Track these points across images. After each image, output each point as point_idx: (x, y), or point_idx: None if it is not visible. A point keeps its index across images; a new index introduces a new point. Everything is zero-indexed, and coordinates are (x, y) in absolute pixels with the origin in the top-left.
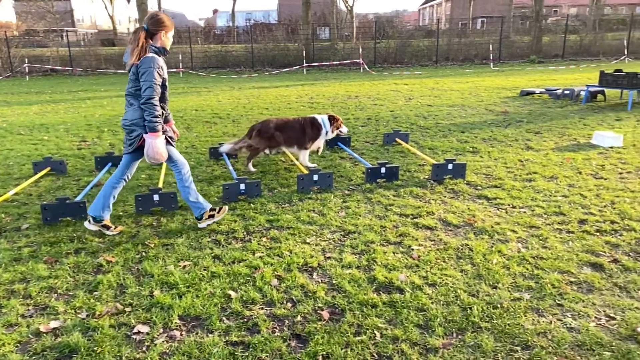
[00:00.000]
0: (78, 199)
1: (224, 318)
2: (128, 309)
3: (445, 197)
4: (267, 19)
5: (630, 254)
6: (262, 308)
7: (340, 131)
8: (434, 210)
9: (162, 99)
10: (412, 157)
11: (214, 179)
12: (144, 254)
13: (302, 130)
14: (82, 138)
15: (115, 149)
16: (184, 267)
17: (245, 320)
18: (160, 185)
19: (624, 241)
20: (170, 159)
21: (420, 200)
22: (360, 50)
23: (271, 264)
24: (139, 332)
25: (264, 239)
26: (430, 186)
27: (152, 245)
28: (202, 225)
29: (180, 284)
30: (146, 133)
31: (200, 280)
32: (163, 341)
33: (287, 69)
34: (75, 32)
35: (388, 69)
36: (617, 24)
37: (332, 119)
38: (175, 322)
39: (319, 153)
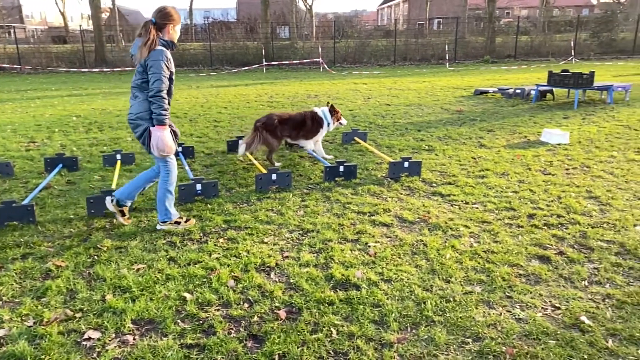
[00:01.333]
0: (25, 202)
1: (178, 321)
2: (78, 315)
3: (401, 194)
4: (225, 17)
5: (575, 246)
6: (218, 309)
7: (340, 123)
8: (390, 208)
9: (168, 93)
10: (370, 156)
11: None
12: (96, 257)
13: (305, 123)
14: (30, 139)
15: (67, 149)
16: (138, 270)
17: (201, 322)
18: (114, 186)
19: (569, 234)
20: (158, 159)
21: (378, 198)
22: (320, 49)
23: (228, 265)
24: (89, 338)
25: (221, 240)
26: (387, 184)
27: (105, 249)
28: (161, 227)
29: (133, 287)
30: (153, 126)
31: (155, 283)
32: (115, 346)
33: (247, 68)
34: (23, 28)
35: (347, 68)
36: (564, 25)
37: (332, 112)
38: (128, 327)
39: (315, 150)
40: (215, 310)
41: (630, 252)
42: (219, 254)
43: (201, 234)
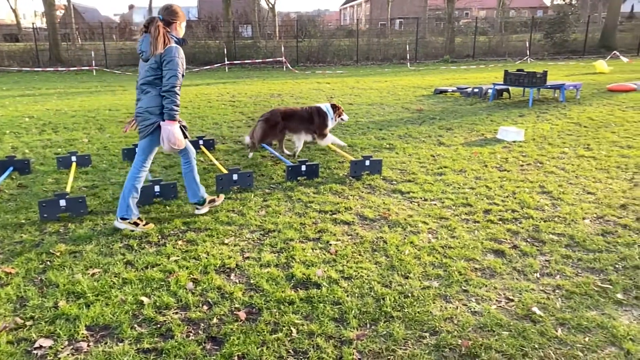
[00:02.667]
0: None
1: (135, 325)
2: (29, 323)
3: (362, 192)
4: (186, 15)
5: (528, 239)
6: (177, 312)
7: (341, 119)
8: (351, 206)
9: None
10: (333, 155)
11: None
12: (48, 263)
13: (311, 118)
14: None
15: (18, 152)
16: (93, 274)
17: (159, 326)
18: (68, 189)
19: (522, 228)
20: (142, 154)
21: (339, 197)
22: (283, 48)
23: (187, 267)
24: (40, 347)
25: (180, 242)
26: (349, 182)
27: (58, 254)
28: (118, 225)
29: (88, 292)
30: (163, 121)
31: (111, 287)
32: (68, 354)
33: (208, 67)
34: None
35: (311, 67)
36: (520, 26)
37: (334, 108)
38: (82, 333)
39: (320, 143)
40: (173, 313)
41: (579, 244)
42: (177, 256)
43: (159, 237)
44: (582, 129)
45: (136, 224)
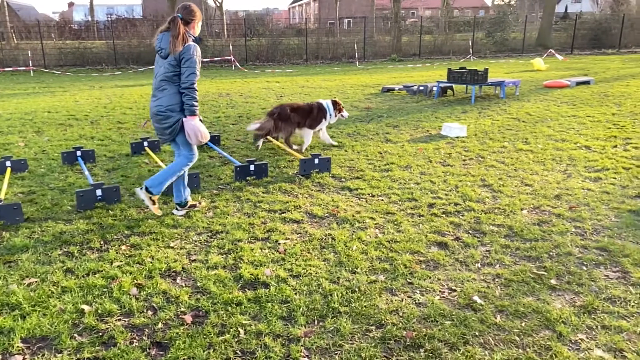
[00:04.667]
0: None
1: (75, 335)
2: None
3: (312, 190)
4: (130, 13)
5: (470, 231)
6: (120, 319)
7: (341, 115)
8: (301, 204)
9: None
10: (282, 154)
11: (68, 186)
12: None
13: (311, 113)
14: None
15: None
16: (30, 284)
17: (100, 334)
18: (2, 196)
19: (465, 220)
20: (186, 147)
21: (289, 195)
22: (231, 47)
23: (130, 273)
24: None
25: (124, 247)
26: (299, 181)
27: None
28: (139, 193)
29: (24, 303)
30: (185, 117)
31: (49, 297)
32: None
33: (154, 67)
34: None
35: (260, 66)
36: (463, 25)
37: (335, 104)
38: (17, 346)
39: (321, 137)
40: (116, 320)
41: (517, 234)
42: (121, 261)
43: (102, 242)
44: (521, 123)
45: (153, 202)
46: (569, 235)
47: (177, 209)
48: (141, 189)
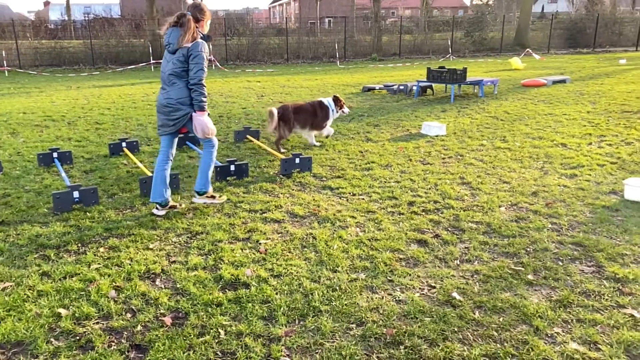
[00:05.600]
0: None
1: (52, 339)
2: None
3: (293, 190)
4: (108, 13)
5: (449, 228)
6: (98, 322)
7: (342, 111)
8: (282, 204)
9: None
10: (263, 153)
11: (44, 188)
12: None
13: (315, 112)
14: None
15: None
16: (4, 289)
17: (78, 338)
18: None
19: (444, 218)
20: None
21: (270, 195)
22: (212, 47)
23: (109, 275)
24: None
25: (102, 249)
26: (280, 181)
27: None
28: (197, 200)
29: None
30: (194, 112)
31: (24, 301)
32: None
33: (133, 67)
34: None
35: (241, 66)
36: (443, 25)
37: (336, 101)
38: None
39: (324, 134)
40: (94, 323)
41: (495, 230)
42: (99, 264)
43: (79, 245)
44: (499, 122)
45: (213, 197)
46: (545, 231)
47: (157, 208)
48: (195, 197)
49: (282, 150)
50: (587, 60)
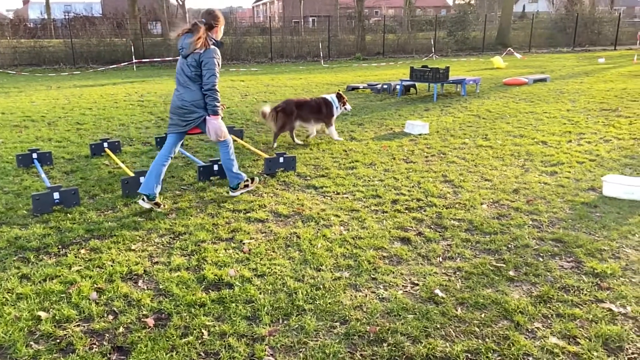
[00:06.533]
0: None
1: (32, 343)
2: None
3: (277, 189)
4: (89, 11)
5: (432, 226)
6: (79, 325)
7: (345, 108)
8: (266, 203)
9: None
10: (247, 153)
11: (24, 189)
12: None
13: (319, 108)
14: None
15: None
16: None
17: (58, 341)
18: None
19: (427, 216)
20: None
21: (253, 195)
22: None
23: (90, 277)
24: None
25: (83, 251)
26: (264, 180)
27: None
28: (234, 193)
29: None
30: (209, 116)
31: (3, 304)
32: None
33: (115, 66)
34: None
35: (224, 65)
36: (426, 25)
37: (339, 98)
38: None
39: (327, 132)
40: (74, 326)
41: (477, 227)
42: (80, 265)
43: (59, 247)
44: (481, 120)
45: (247, 185)
46: (526, 228)
47: (143, 199)
48: (231, 192)
49: (297, 141)
50: (567, 59)
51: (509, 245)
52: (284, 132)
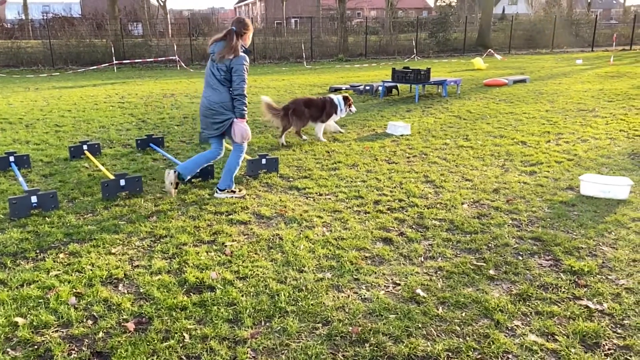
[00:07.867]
0: None
1: (8, 349)
2: None
3: (259, 191)
4: (68, 12)
5: (413, 226)
6: (57, 330)
7: (350, 110)
8: (248, 205)
9: None
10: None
11: (0, 193)
12: None
13: (325, 107)
14: None
15: None
16: None
17: (36, 347)
18: None
19: (408, 216)
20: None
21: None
22: (176, 47)
23: (69, 282)
24: None
25: (61, 255)
26: (246, 181)
27: None
28: (220, 195)
29: None
30: (236, 118)
31: None
32: None
33: (95, 67)
34: None
35: (204, 66)
36: (407, 26)
37: (345, 100)
38: None
39: (333, 131)
40: (53, 332)
41: (458, 227)
42: (58, 270)
43: (37, 251)
44: (462, 121)
45: (233, 192)
46: (506, 227)
47: (217, 192)
48: (217, 192)
49: (304, 137)
50: (546, 61)
51: (489, 245)
52: (289, 130)
